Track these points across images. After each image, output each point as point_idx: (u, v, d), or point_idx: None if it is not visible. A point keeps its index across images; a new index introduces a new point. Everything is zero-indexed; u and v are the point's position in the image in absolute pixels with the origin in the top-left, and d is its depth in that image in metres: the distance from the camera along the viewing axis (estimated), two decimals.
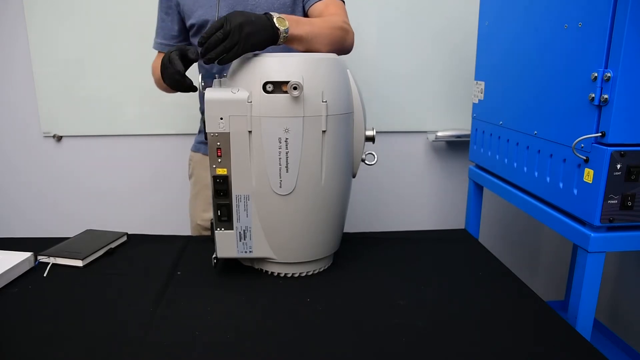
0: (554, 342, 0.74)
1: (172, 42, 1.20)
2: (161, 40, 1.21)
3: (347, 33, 1.06)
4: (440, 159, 1.84)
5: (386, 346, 0.72)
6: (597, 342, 0.93)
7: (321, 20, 1.04)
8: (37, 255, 0.99)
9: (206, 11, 1.11)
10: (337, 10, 1.11)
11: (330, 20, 1.04)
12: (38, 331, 0.75)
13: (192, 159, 1.32)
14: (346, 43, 1.06)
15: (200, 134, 1.28)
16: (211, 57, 0.84)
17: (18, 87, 1.68)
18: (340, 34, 1.03)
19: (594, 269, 0.88)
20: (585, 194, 0.88)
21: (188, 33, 1.19)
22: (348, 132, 0.91)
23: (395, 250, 1.08)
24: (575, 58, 0.90)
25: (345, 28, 1.06)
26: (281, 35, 0.89)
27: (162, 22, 1.20)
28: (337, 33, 1.02)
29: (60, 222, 1.80)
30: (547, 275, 1.95)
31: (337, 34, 1.02)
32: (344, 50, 1.07)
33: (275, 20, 0.88)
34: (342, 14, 1.12)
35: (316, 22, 1.01)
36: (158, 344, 0.72)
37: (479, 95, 1.33)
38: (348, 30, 1.07)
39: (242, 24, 0.83)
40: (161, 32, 1.21)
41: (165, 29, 1.20)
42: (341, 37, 1.03)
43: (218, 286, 0.91)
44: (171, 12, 1.17)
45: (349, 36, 1.07)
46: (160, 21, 1.20)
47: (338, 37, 1.02)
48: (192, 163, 1.32)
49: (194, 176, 1.31)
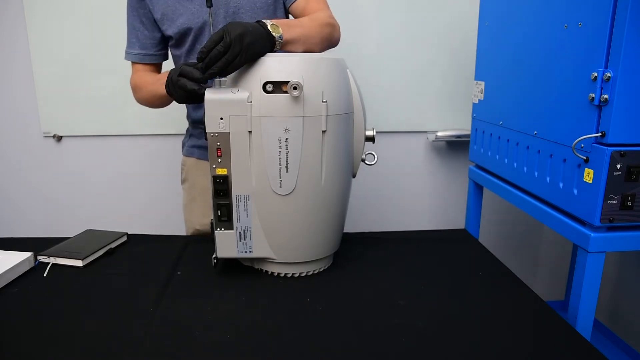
0: (554, 342, 0.74)
1: (154, 50, 1.14)
2: (139, 50, 1.13)
3: (334, 28, 1.07)
4: (440, 159, 1.84)
5: (386, 346, 0.72)
6: (597, 342, 0.93)
7: (308, 19, 1.03)
8: (37, 255, 0.99)
9: (188, 19, 1.07)
10: (320, 6, 1.10)
11: (317, 18, 1.04)
12: (38, 331, 0.75)
13: (184, 164, 1.27)
14: (334, 38, 1.07)
15: (191, 138, 1.25)
16: (214, 72, 0.81)
17: (18, 87, 1.68)
18: (329, 30, 1.03)
19: (594, 269, 0.88)
20: (585, 194, 0.88)
21: (167, 42, 1.14)
22: (348, 132, 0.91)
23: (395, 250, 1.08)
24: (575, 58, 0.90)
25: (332, 23, 1.06)
26: (277, 42, 0.89)
27: (137, 32, 1.12)
28: (325, 30, 1.02)
29: (60, 222, 1.80)
30: (547, 275, 1.95)
31: (326, 31, 1.02)
32: (332, 44, 1.08)
33: (270, 27, 0.88)
34: (326, 9, 1.11)
35: (305, 22, 1.01)
36: (158, 344, 0.72)
37: (479, 95, 1.33)
38: (334, 25, 1.07)
39: (242, 35, 0.81)
40: (137, 43, 1.13)
41: (143, 38, 1.12)
42: (329, 33, 1.04)
43: (218, 286, 0.91)
44: (146, 22, 1.11)
45: (335, 31, 1.07)
46: (133, 30, 1.12)
47: (327, 34, 1.02)
48: (185, 168, 1.27)
49: (187, 181, 1.27)
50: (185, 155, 1.27)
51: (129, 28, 1.13)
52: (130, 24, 1.13)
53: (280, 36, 0.89)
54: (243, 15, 1.09)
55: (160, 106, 1.13)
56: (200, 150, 1.22)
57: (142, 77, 1.14)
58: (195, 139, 1.23)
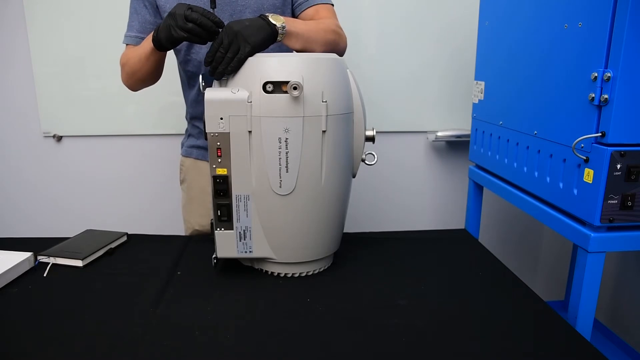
0: (554, 342, 0.74)
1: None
2: (137, 33, 1.11)
3: (340, 37, 1.07)
4: (440, 159, 1.84)
5: (386, 346, 0.72)
6: (597, 342, 0.93)
7: (314, 22, 1.04)
8: (37, 255, 0.99)
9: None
10: (328, 14, 1.12)
11: (323, 22, 1.05)
12: (38, 331, 0.75)
13: (183, 165, 1.27)
14: (339, 47, 1.07)
15: (190, 137, 1.25)
16: (221, 71, 0.85)
17: (18, 87, 1.68)
18: (334, 37, 1.04)
19: (594, 269, 0.88)
20: (585, 194, 0.88)
21: None
22: (348, 132, 0.91)
23: (395, 250, 1.08)
24: (575, 58, 0.90)
25: (338, 32, 1.06)
26: (279, 31, 0.90)
27: (139, 15, 1.11)
28: (330, 36, 1.03)
29: (60, 222, 1.80)
30: (547, 275, 1.95)
31: (331, 37, 1.03)
32: (337, 52, 1.07)
33: (270, 18, 0.90)
34: (334, 18, 1.12)
35: (310, 23, 1.02)
36: (158, 344, 0.72)
37: (479, 95, 1.33)
38: (340, 34, 1.08)
39: (238, 31, 0.85)
40: (137, 26, 1.11)
41: (143, 22, 1.10)
42: (334, 40, 1.04)
43: (218, 286, 0.91)
44: (149, 6, 1.10)
45: (341, 40, 1.08)
46: (135, 14, 1.11)
47: (331, 40, 1.03)
48: (183, 169, 1.27)
49: (186, 182, 1.27)
50: (183, 156, 1.27)
51: (131, 12, 1.12)
52: (132, 8, 1.12)
53: (282, 24, 0.90)
54: (249, 15, 1.09)
55: (147, 76, 1.09)
56: (198, 150, 1.22)
57: (129, 53, 1.11)
58: (194, 139, 1.23)
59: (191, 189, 1.25)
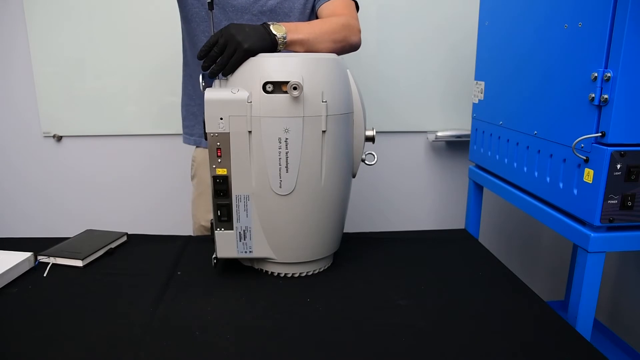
0: (554, 342, 0.74)
1: None
2: None
3: (351, 30, 1.05)
4: (440, 159, 1.84)
5: (386, 346, 0.72)
6: (597, 342, 0.93)
7: (321, 22, 1.03)
8: (37, 255, 0.99)
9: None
10: (345, 10, 1.10)
11: (330, 21, 1.04)
12: (38, 331, 0.75)
13: (195, 159, 1.28)
14: (350, 40, 1.05)
15: (197, 125, 1.24)
16: (214, 71, 0.86)
17: (18, 87, 1.68)
18: (342, 34, 1.02)
19: (594, 269, 0.88)
20: (585, 194, 0.88)
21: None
22: (348, 132, 0.91)
23: (395, 250, 1.08)
24: (575, 58, 0.90)
25: (349, 25, 1.04)
26: (279, 42, 0.90)
27: None
28: (337, 34, 1.01)
29: (60, 222, 1.80)
30: (547, 275, 1.95)
31: (339, 35, 1.01)
32: (350, 47, 1.06)
33: (272, 28, 0.89)
34: (350, 13, 1.11)
35: (316, 23, 1.01)
36: (158, 344, 0.72)
37: (479, 95, 1.33)
38: (352, 27, 1.05)
39: (234, 35, 0.85)
40: None
41: None
42: (343, 37, 1.02)
43: (218, 286, 0.91)
44: None
45: (352, 33, 1.05)
46: None
47: (339, 38, 1.01)
48: (194, 164, 1.28)
49: (197, 177, 1.27)
50: (194, 146, 1.27)
51: None
52: None
53: (283, 35, 0.90)
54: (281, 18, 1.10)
55: None
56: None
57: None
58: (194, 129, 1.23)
59: (200, 183, 1.26)
